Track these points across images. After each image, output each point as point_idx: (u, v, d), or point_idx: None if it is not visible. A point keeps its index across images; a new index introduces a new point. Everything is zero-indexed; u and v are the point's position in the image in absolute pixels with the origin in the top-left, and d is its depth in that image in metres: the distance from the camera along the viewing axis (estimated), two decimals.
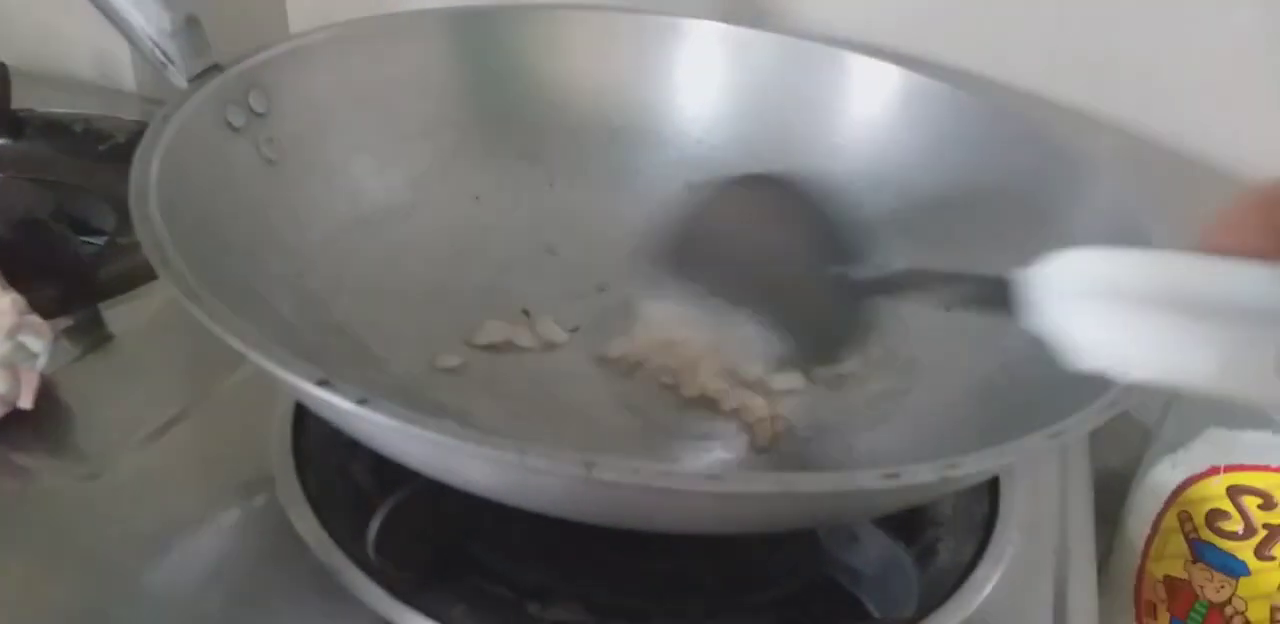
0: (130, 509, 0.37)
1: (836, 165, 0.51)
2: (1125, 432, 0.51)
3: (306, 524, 0.36)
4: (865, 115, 0.51)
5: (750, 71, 0.53)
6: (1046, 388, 0.31)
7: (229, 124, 0.41)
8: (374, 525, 0.34)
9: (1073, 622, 0.37)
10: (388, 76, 0.48)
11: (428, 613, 0.33)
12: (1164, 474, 0.45)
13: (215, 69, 0.41)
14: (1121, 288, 0.24)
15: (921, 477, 0.25)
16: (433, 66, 0.50)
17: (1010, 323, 0.28)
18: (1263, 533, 0.41)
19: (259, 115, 0.42)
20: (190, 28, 0.40)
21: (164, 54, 0.40)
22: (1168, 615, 0.45)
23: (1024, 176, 0.45)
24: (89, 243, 0.50)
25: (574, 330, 0.46)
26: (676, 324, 0.45)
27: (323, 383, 0.25)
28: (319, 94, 0.45)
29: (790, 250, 0.40)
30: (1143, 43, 0.51)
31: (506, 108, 0.52)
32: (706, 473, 0.24)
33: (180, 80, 0.40)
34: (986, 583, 0.37)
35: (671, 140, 0.53)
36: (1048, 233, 0.43)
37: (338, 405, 0.25)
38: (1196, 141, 0.51)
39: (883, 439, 0.40)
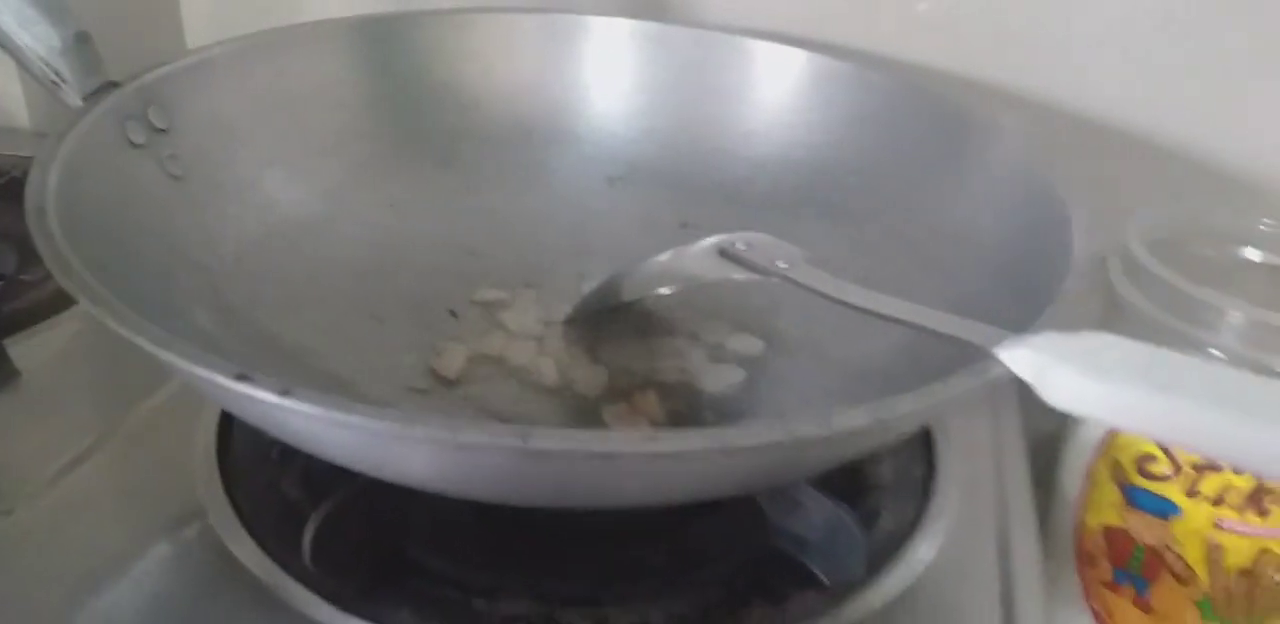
0: (52, 547, 0.36)
1: (751, 151, 0.52)
2: None
3: (242, 546, 0.35)
4: (775, 101, 0.52)
5: (659, 65, 0.54)
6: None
7: (130, 141, 0.40)
8: (307, 536, 0.33)
9: (1018, 576, 0.37)
10: (292, 88, 0.48)
11: (373, 620, 0.32)
12: (1092, 428, 0.46)
13: (110, 86, 0.40)
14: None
15: (856, 420, 0.25)
16: (338, 76, 0.50)
17: None
18: (1190, 472, 0.42)
19: (160, 131, 0.41)
20: (80, 45, 0.40)
21: (55, 73, 0.39)
22: (1109, 565, 0.46)
23: (932, 148, 0.46)
24: None
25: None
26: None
27: (241, 377, 0.25)
28: (222, 108, 0.45)
29: None
30: (1043, 14, 0.52)
31: (417, 114, 0.52)
32: (643, 434, 0.24)
33: (74, 99, 0.39)
34: (932, 543, 0.37)
35: (587, 137, 0.54)
36: (958, 202, 0.44)
37: (261, 399, 0.25)
38: (1102, 110, 0.52)
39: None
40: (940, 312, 0.30)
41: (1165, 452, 0.42)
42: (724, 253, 0.38)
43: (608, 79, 0.54)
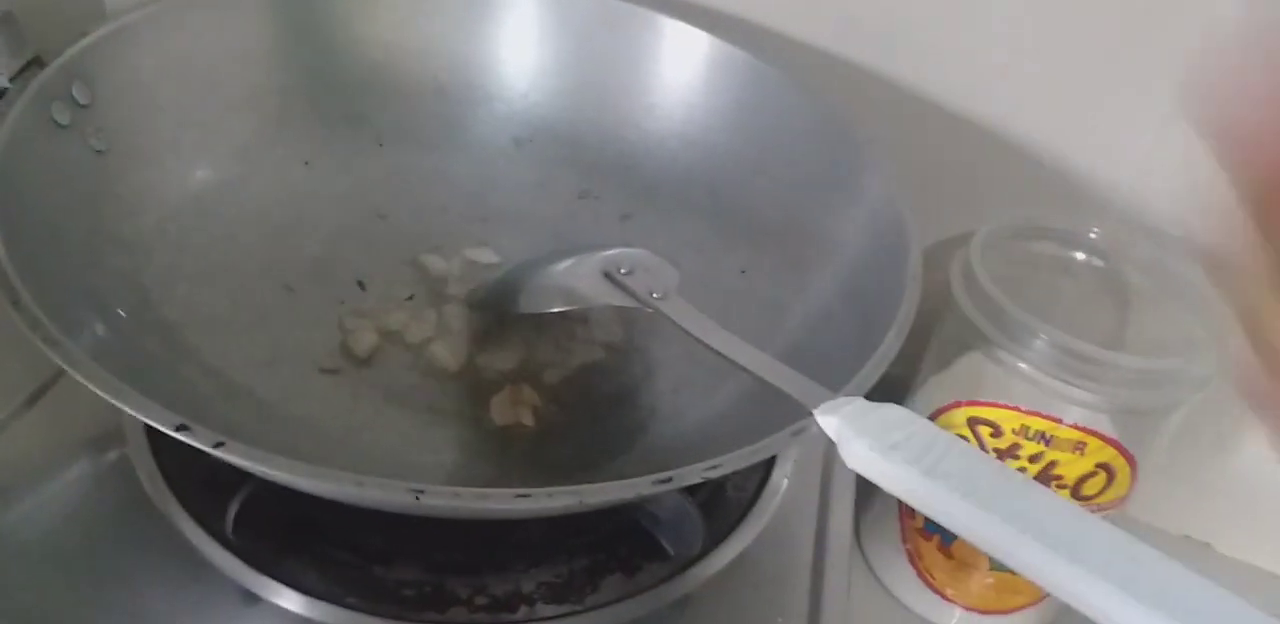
0: None
1: (652, 123, 0.55)
2: (906, 344, 0.59)
3: (165, 502, 0.40)
4: (676, 78, 0.55)
5: (568, 29, 0.55)
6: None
7: (55, 122, 0.41)
8: (233, 508, 0.38)
9: (831, 546, 0.45)
10: (208, 48, 0.49)
11: (286, 582, 0.38)
12: (927, 392, 0.53)
13: (36, 64, 0.42)
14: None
15: (690, 478, 0.31)
16: (253, 34, 0.51)
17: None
18: (993, 454, 0.50)
19: (84, 107, 0.43)
20: (4, 25, 0.41)
21: None
22: (922, 517, 0.54)
23: (809, 150, 0.50)
24: None
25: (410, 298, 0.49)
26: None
27: (181, 428, 0.29)
28: (142, 75, 0.46)
29: None
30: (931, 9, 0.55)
31: (330, 70, 0.53)
32: (516, 492, 0.29)
33: (0, 80, 0.41)
34: (762, 517, 0.44)
35: (497, 95, 0.56)
36: (826, 209, 0.49)
37: (198, 447, 0.29)
38: (977, 107, 0.56)
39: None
40: (780, 365, 0.36)
41: (975, 437, 0.49)
42: (609, 276, 0.42)
43: (519, 39, 0.55)
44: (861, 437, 0.31)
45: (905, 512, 0.55)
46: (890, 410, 0.32)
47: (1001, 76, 0.55)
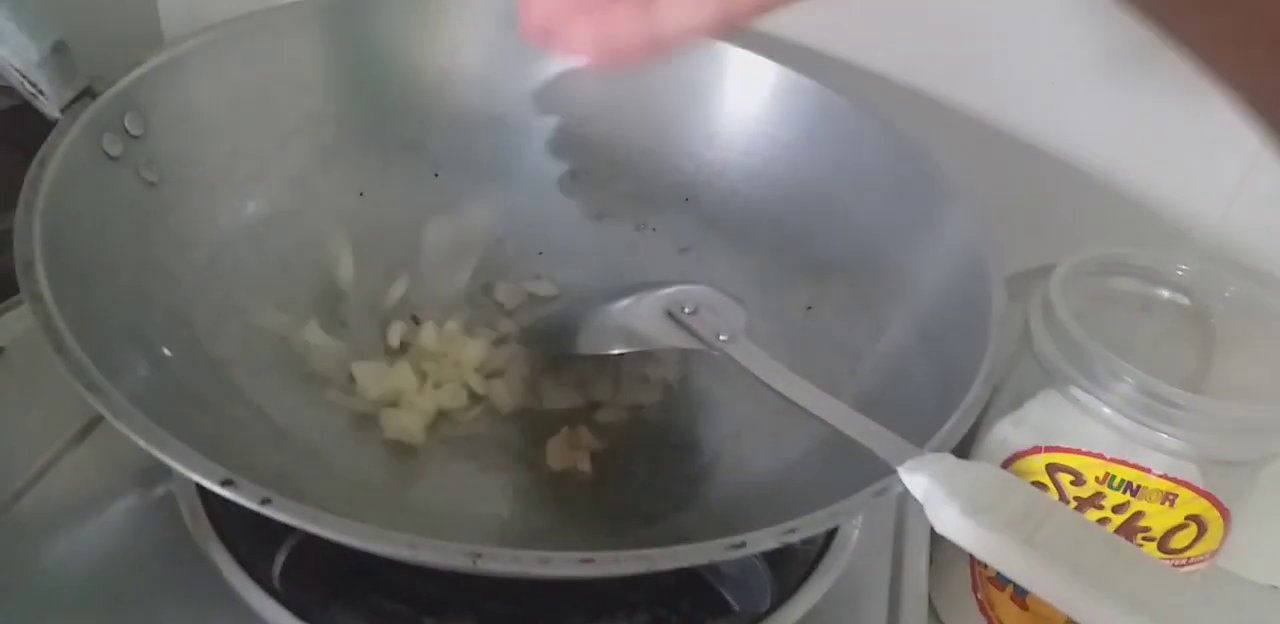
0: (39, 540, 0.39)
1: (712, 154, 0.54)
2: None
3: (211, 546, 0.39)
4: (739, 107, 0.53)
5: None
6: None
7: (106, 154, 0.41)
8: (281, 556, 0.37)
9: (905, 599, 0.42)
10: (262, 76, 0.48)
11: None
12: (1001, 433, 0.51)
13: (87, 94, 0.41)
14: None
15: (765, 544, 0.29)
16: (307, 60, 0.50)
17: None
18: (1074, 504, 0.47)
19: (136, 138, 0.42)
20: (57, 56, 0.40)
21: (33, 86, 0.40)
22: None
23: (883, 186, 0.48)
24: None
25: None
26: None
27: (227, 483, 0.28)
28: (195, 104, 0.45)
29: None
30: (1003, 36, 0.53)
31: (385, 98, 0.52)
32: (580, 556, 0.27)
33: (52, 111, 0.40)
34: (833, 571, 0.42)
35: (555, 125, 0.54)
36: (898, 249, 0.47)
37: (244, 503, 0.28)
38: (1054, 137, 0.54)
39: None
40: (858, 416, 0.34)
41: (1055, 484, 0.46)
42: (672, 315, 0.40)
43: (578, 67, 0.54)
44: (954, 499, 0.29)
45: (977, 559, 0.53)
46: (983, 470, 0.30)
47: (1081, 106, 0.53)
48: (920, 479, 0.30)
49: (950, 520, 0.29)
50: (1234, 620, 0.26)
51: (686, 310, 0.40)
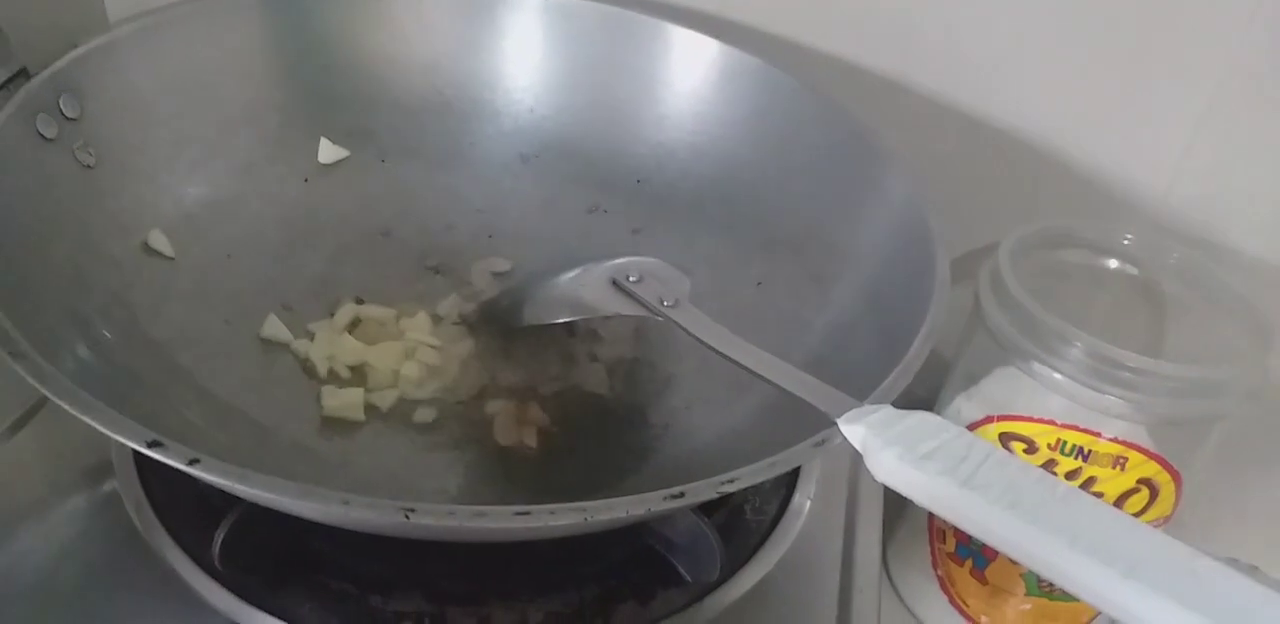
0: None
1: (662, 135, 0.53)
2: (928, 363, 0.57)
3: (153, 532, 0.38)
4: (687, 87, 0.53)
5: (576, 41, 0.54)
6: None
7: (41, 135, 0.40)
8: (219, 535, 0.36)
9: (859, 572, 0.42)
10: (205, 62, 0.48)
11: (278, 614, 0.36)
12: (952, 408, 0.51)
13: (22, 75, 0.40)
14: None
15: (703, 494, 0.29)
16: (251, 47, 0.50)
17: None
18: (1046, 452, 0.47)
19: (71, 120, 0.42)
20: None
21: None
22: (954, 541, 0.52)
23: (825, 158, 0.48)
24: None
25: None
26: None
27: (154, 444, 0.27)
28: (134, 89, 0.45)
29: None
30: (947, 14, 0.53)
31: (332, 84, 0.52)
32: (514, 509, 0.27)
33: None
34: (784, 541, 0.42)
35: (504, 110, 0.54)
36: (843, 218, 0.47)
37: (172, 464, 0.27)
38: (996, 111, 0.54)
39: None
40: (800, 373, 0.34)
41: (1025, 437, 0.46)
42: (616, 284, 0.40)
43: (525, 53, 0.54)
44: (890, 446, 0.29)
45: (936, 535, 0.53)
46: (920, 417, 0.30)
47: (1023, 79, 0.53)
48: (858, 429, 0.30)
49: (887, 466, 0.29)
50: (1176, 553, 0.26)
51: (631, 279, 0.40)
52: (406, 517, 0.26)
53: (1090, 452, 0.45)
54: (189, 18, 0.47)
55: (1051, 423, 0.45)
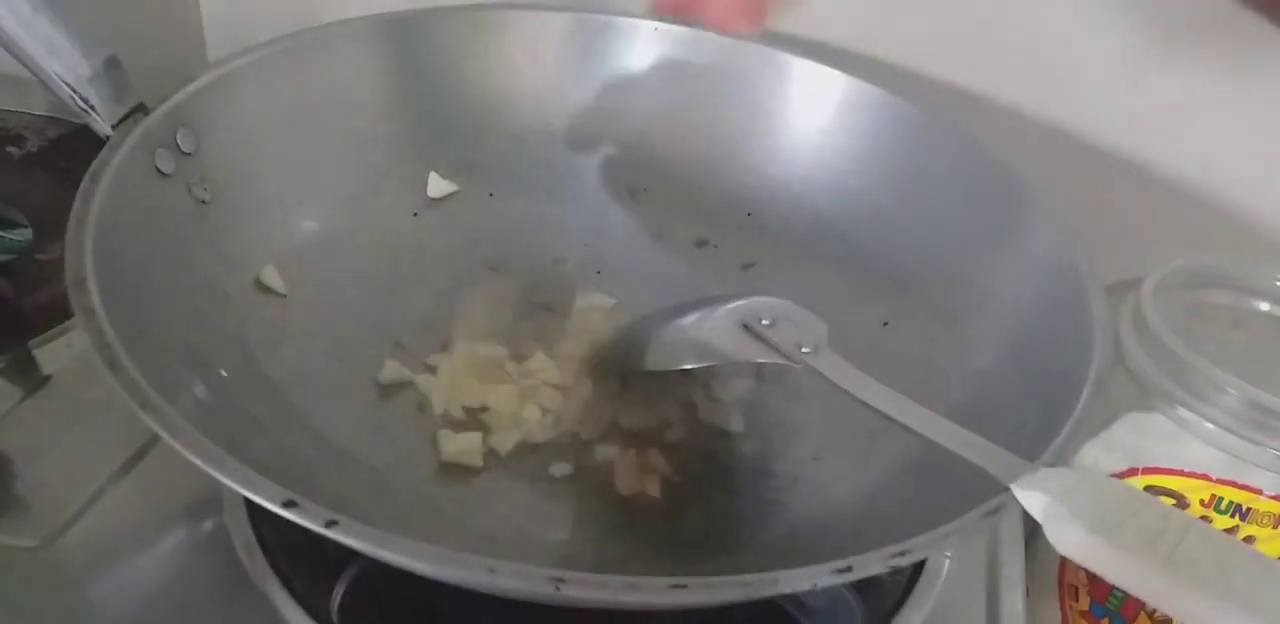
0: (85, 574, 0.38)
1: (774, 168, 0.52)
2: None
3: (265, 579, 0.37)
4: (803, 119, 0.51)
5: (689, 72, 0.52)
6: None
7: (158, 171, 0.39)
8: (339, 589, 0.35)
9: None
10: (315, 94, 0.47)
11: None
12: (1086, 457, 0.48)
13: (140, 110, 0.40)
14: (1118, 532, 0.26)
15: (872, 567, 0.27)
16: (361, 79, 0.49)
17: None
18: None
19: (188, 155, 0.41)
20: (110, 71, 0.39)
21: (84, 102, 0.38)
22: (1088, 599, 0.48)
23: (958, 195, 0.46)
24: None
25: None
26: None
27: (289, 504, 0.26)
28: (247, 121, 0.44)
29: None
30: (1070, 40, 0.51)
31: (439, 116, 0.51)
32: (670, 582, 0.25)
33: (104, 127, 0.39)
34: (925, 604, 0.39)
35: (613, 142, 0.53)
36: (978, 259, 0.44)
37: (308, 526, 0.26)
38: (1138, 146, 0.52)
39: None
40: (962, 430, 0.31)
41: (1175, 492, 0.43)
42: (748, 328, 0.38)
43: (636, 83, 0.53)
44: (1077, 517, 0.26)
45: (1067, 592, 0.50)
46: (1106, 484, 0.28)
47: (1166, 113, 0.50)
48: (1037, 496, 0.27)
49: (1075, 540, 0.26)
50: None
51: (764, 322, 0.38)
52: (556, 588, 0.24)
53: (1250, 510, 0.42)
54: (300, 49, 0.46)
55: (1206, 477, 0.42)
